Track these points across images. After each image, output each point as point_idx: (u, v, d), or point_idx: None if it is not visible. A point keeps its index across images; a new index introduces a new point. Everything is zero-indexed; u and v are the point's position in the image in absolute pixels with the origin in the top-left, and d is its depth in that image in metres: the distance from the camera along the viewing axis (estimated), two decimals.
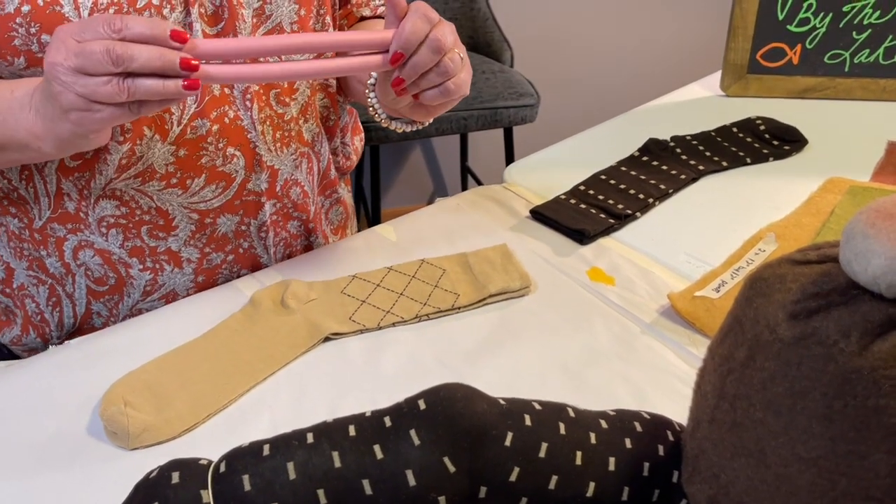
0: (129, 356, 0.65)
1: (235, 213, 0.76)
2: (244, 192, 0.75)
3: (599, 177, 0.91)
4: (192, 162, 0.71)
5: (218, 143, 0.71)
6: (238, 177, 0.74)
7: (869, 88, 1.10)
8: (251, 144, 0.73)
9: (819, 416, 0.38)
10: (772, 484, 0.41)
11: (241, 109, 0.71)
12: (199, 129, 0.70)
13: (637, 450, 0.49)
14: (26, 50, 0.62)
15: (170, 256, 0.75)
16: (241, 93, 0.71)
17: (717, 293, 0.71)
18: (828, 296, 0.39)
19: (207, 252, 0.77)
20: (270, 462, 0.46)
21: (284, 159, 0.77)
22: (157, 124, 0.68)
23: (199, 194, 0.73)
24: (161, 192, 0.71)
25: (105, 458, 0.57)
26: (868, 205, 0.39)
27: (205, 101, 0.69)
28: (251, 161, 0.74)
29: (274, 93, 0.74)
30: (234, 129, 0.71)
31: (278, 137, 0.75)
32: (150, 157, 0.69)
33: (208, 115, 0.70)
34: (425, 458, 0.45)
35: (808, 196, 0.87)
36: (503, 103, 1.75)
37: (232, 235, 0.77)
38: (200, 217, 0.74)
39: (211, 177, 0.72)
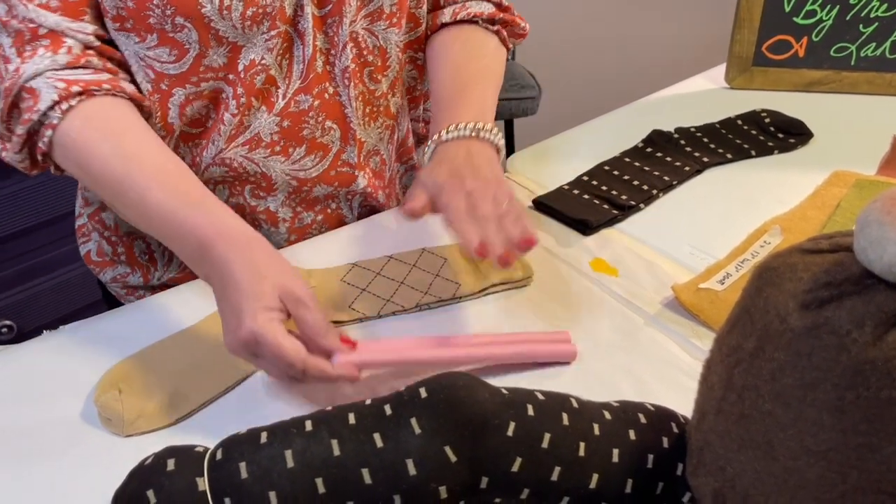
0: (124, 342, 0.64)
1: (331, 185, 0.79)
2: (339, 163, 0.79)
3: (603, 167, 0.90)
4: (295, 133, 0.75)
5: (318, 117, 0.75)
6: (334, 147, 0.78)
7: (875, 82, 1.09)
8: (346, 119, 0.77)
9: (830, 408, 0.37)
10: (780, 477, 0.40)
11: (340, 87, 0.75)
12: (302, 103, 0.73)
13: (641, 441, 0.49)
14: (160, 28, 0.66)
15: (268, 216, 0.80)
16: (342, 71, 0.74)
17: (722, 285, 0.70)
18: (840, 285, 0.38)
19: (299, 211, 0.81)
20: (268, 450, 0.45)
21: (371, 132, 0.80)
22: (265, 96, 0.72)
23: (300, 163, 0.77)
24: (266, 158, 0.75)
25: (99, 445, 0.56)
26: (883, 192, 0.38)
27: (310, 78, 0.73)
28: (346, 134, 0.77)
29: (368, 70, 0.77)
30: (333, 104, 0.75)
31: (368, 112, 0.79)
32: (256, 127, 0.73)
33: (311, 90, 0.73)
34: (426, 446, 0.45)
35: (813, 189, 0.86)
36: (504, 95, 1.74)
37: (323, 198, 0.81)
38: (299, 185, 0.78)
39: (311, 147, 0.76)
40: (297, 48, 0.71)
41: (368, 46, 0.75)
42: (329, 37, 0.72)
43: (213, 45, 0.67)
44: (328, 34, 0.72)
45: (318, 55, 0.73)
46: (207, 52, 0.68)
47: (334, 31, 0.72)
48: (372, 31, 0.75)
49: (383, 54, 0.77)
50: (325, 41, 0.72)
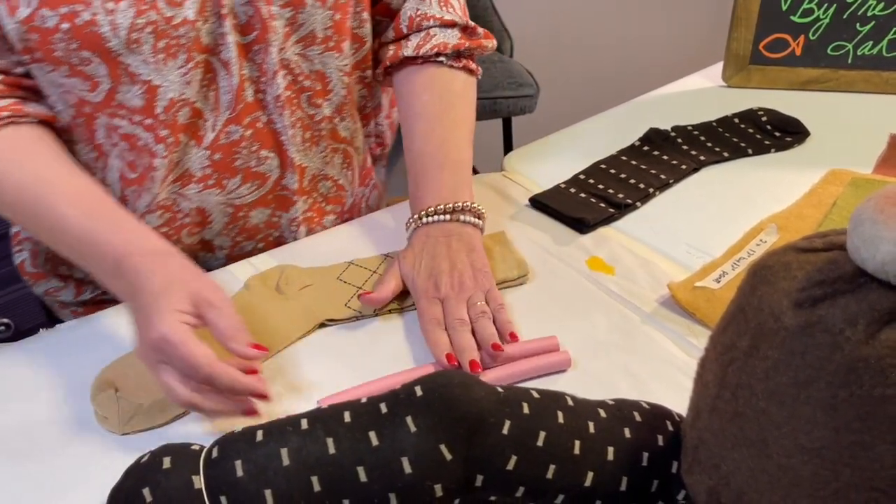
0: (120, 341, 0.64)
1: (268, 207, 0.78)
2: (277, 188, 0.77)
3: (600, 166, 0.90)
4: (228, 164, 0.73)
5: (251, 147, 0.73)
6: (273, 175, 0.76)
7: (871, 81, 1.09)
8: (283, 146, 0.75)
9: (823, 406, 0.37)
10: (774, 475, 0.40)
11: (273, 114, 0.73)
12: (233, 134, 0.72)
13: (636, 439, 0.49)
14: (67, 61, 0.63)
15: (203, 245, 0.79)
16: (274, 98, 0.72)
17: (718, 284, 0.70)
18: (834, 283, 0.39)
19: (239, 241, 0.79)
20: (264, 448, 0.45)
21: (313, 157, 0.79)
22: (192, 131, 0.70)
23: (236, 192, 0.75)
24: (199, 193, 0.74)
25: (95, 443, 0.56)
26: (876, 191, 0.38)
27: (239, 108, 0.70)
28: (284, 162, 0.76)
29: (306, 95, 0.75)
30: (267, 132, 0.73)
31: (308, 137, 0.77)
32: (186, 162, 0.71)
33: (242, 121, 0.71)
34: (421, 445, 0.45)
35: (809, 188, 0.86)
36: (502, 93, 1.74)
37: (263, 226, 0.79)
38: (235, 210, 0.77)
39: (246, 177, 0.75)
40: (221, 78, 0.69)
41: (304, 72, 0.73)
42: (257, 64, 0.70)
43: (124, 82, 0.65)
44: (255, 62, 0.70)
45: (247, 84, 0.70)
46: (119, 87, 0.65)
47: (262, 59, 0.69)
48: (306, 57, 0.72)
49: (322, 79, 0.75)
50: (252, 69, 0.70)
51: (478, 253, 0.70)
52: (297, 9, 0.69)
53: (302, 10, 0.69)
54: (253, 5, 0.67)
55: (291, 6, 0.68)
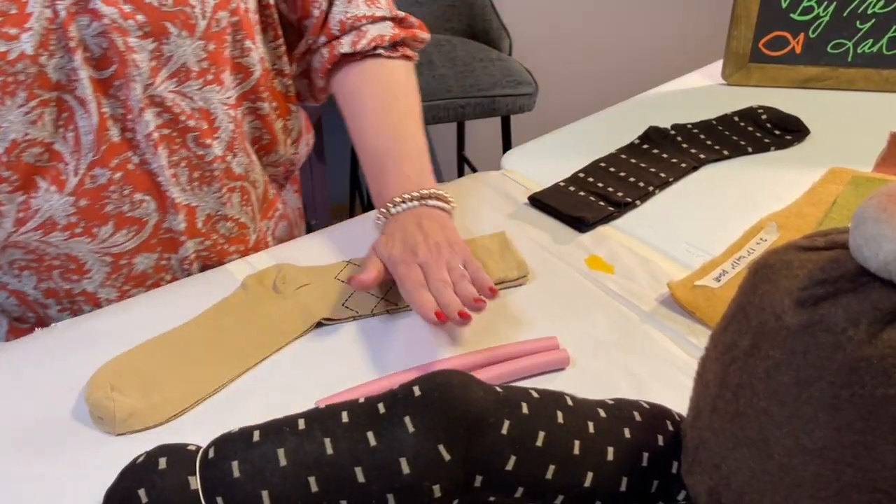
0: (116, 340, 0.64)
1: (153, 252, 0.72)
2: (160, 232, 0.72)
3: (599, 164, 0.89)
4: (96, 211, 0.67)
5: (123, 191, 0.67)
6: (151, 220, 0.70)
7: (871, 79, 1.09)
8: (160, 188, 0.69)
9: (825, 406, 0.37)
10: (775, 475, 0.40)
11: (146, 154, 0.67)
12: (100, 178, 0.66)
13: (636, 440, 0.48)
14: None
15: (87, 297, 0.72)
16: (145, 137, 0.66)
17: (718, 282, 0.70)
18: (836, 282, 0.38)
19: (127, 289, 0.73)
20: (261, 448, 0.45)
21: (205, 197, 0.73)
22: (52, 175, 0.64)
23: (110, 240, 0.69)
24: (66, 241, 0.68)
25: (90, 444, 0.55)
26: (878, 189, 0.38)
27: (102, 150, 0.65)
28: (163, 204, 0.70)
29: (192, 136, 0.69)
30: (141, 174, 0.68)
31: (196, 177, 0.71)
32: (47, 210, 0.65)
33: (108, 163, 0.66)
34: (420, 445, 0.44)
35: (809, 186, 0.86)
36: (501, 91, 1.73)
37: (152, 272, 0.73)
38: (114, 259, 0.71)
39: (120, 223, 0.69)
40: (80, 117, 0.63)
41: (185, 110, 0.67)
42: (120, 101, 0.64)
43: None
44: (118, 98, 0.64)
45: (110, 123, 0.65)
46: None
47: (125, 95, 0.64)
48: (184, 94, 0.67)
49: (207, 116, 0.69)
50: (115, 107, 0.64)
51: (450, 230, 0.70)
52: (159, 40, 0.63)
53: (166, 41, 0.64)
54: (106, 37, 0.61)
55: (152, 37, 0.63)
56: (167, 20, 0.63)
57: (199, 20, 0.65)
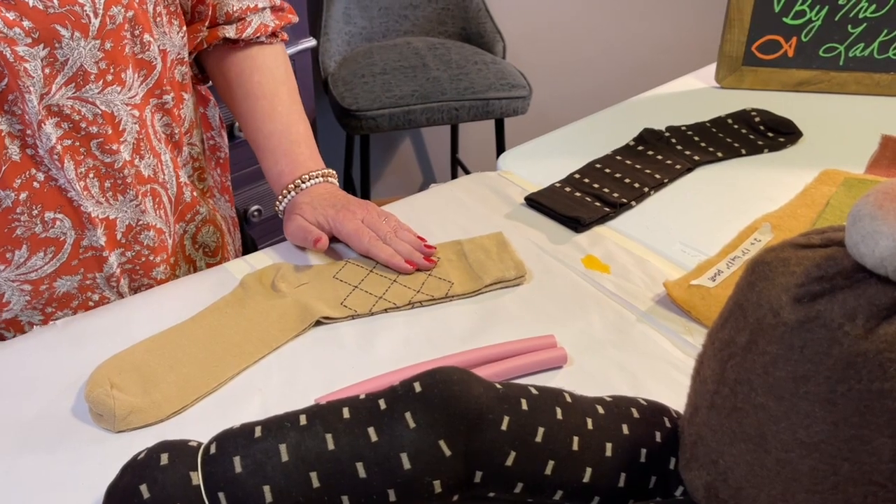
0: (115, 338, 0.64)
1: (75, 273, 0.69)
2: (80, 251, 0.68)
3: (594, 165, 0.90)
4: (6, 236, 0.63)
5: (31, 211, 0.64)
6: (68, 238, 0.67)
7: (863, 82, 1.10)
8: (73, 203, 0.66)
9: (822, 400, 0.38)
10: (772, 469, 0.40)
11: (52, 170, 0.63)
12: (4, 200, 0.62)
13: (634, 436, 0.49)
14: None
15: (8, 324, 0.69)
16: (48, 152, 0.63)
17: (713, 282, 0.70)
18: (833, 279, 0.39)
19: (50, 312, 0.70)
20: (262, 444, 0.45)
21: (123, 206, 0.70)
22: None
23: (27, 265, 0.66)
24: None
25: (90, 441, 0.55)
26: (875, 187, 0.39)
27: (3, 171, 0.61)
28: (79, 220, 0.67)
29: (96, 143, 0.65)
30: (49, 192, 0.64)
31: (108, 187, 0.68)
32: None
33: (10, 184, 0.62)
34: (420, 441, 0.45)
35: (803, 187, 0.87)
36: (495, 94, 1.74)
37: (76, 292, 0.70)
38: (34, 286, 0.67)
39: (34, 246, 0.65)
40: None
41: (87, 117, 0.64)
42: (17, 116, 0.60)
43: None
44: (14, 114, 0.60)
45: (9, 141, 0.61)
46: None
47: (21, 109, 0.60)
48: (85, 99, 0.63)
49: (111, 120, 0.66)
50: (12, 122, 0.61)
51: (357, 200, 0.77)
52: (50, 45, 0.59)
53: (59, 45, 0.59)
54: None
55: (43, 42, 0.59)
56: (56, 23, 0.59)
57: (92, 19, 0.61)
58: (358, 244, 0.73)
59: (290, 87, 0.83)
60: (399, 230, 0.74)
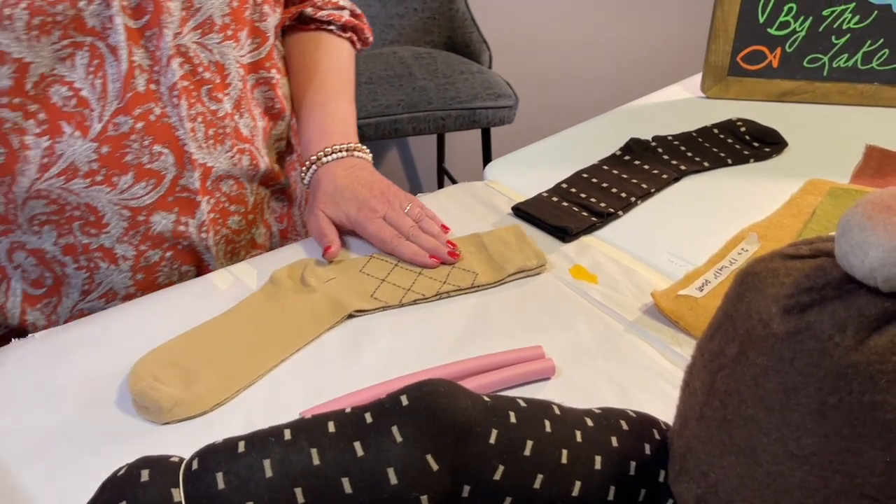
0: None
1: (170, 211, 0.73)
2: (176, 189, 0.72)
3: (581, 175, 0.90)
4: (117, 160, 0.68)
5: (143, 141, 0.68)
6: (168, 174, 0.71)
7: (847, 93, 1.11)
8: (179, 142, 0.70)
9: (812, 412, 0.37)
10: (763, 482, 0.40)
11: (167, 106, 0.69)
12: (122, 126, 0.67)
13: (623, 448, 0.48)
14: None
15: (104, 253, 0.73)
16: (168, 89, 0.68)
17: (701, 292, 0.70)
18: (822, 290, 0.39)
19: (144, 250, 0.74)
20: (245, 459, 0.44)
21: (219, 156, 0.74)
22: (78, 121, 0.65)
23: (130, 191, 0.70)
24: (87, 189, 0.68)
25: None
26: (864, 197, 0.39)
27: (128, 98, 0.66)
28: (181, 159, 0.71)
29: (206, 88, 0.71)
30: (161, 126, 0.69)
31: (210, 135, 0.73)
32: (70, 155, 0.66)
33: (131, 112, 0.67)
34: (407, 455, 0.44)
35: (788, 197, 0.87)
36: (481, 104, 1.74)
37: (170, 235, 0.74)
38: (133, 214, 0.71)
39: (139, 174, 0.69)
40: (109, 65, 0.65)
41: (203, 62, 0.70)
42: (150, 51, 0.66)
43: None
44: (148, 49, 0.66)
45: (138, 72, 0.66)
46: None
47: (155, 45, 0.66)
48: (205, 46, 0.70)
49: (221, 70, 0.72)
50: (145, 56, 0.66)
51: (379, 176, 0.78)
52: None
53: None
54: None
55: None
56: None
57: None
58: (381, 245, 0.74)
59: (344, 77, 0.86)
60: (422, 219, 0.75)
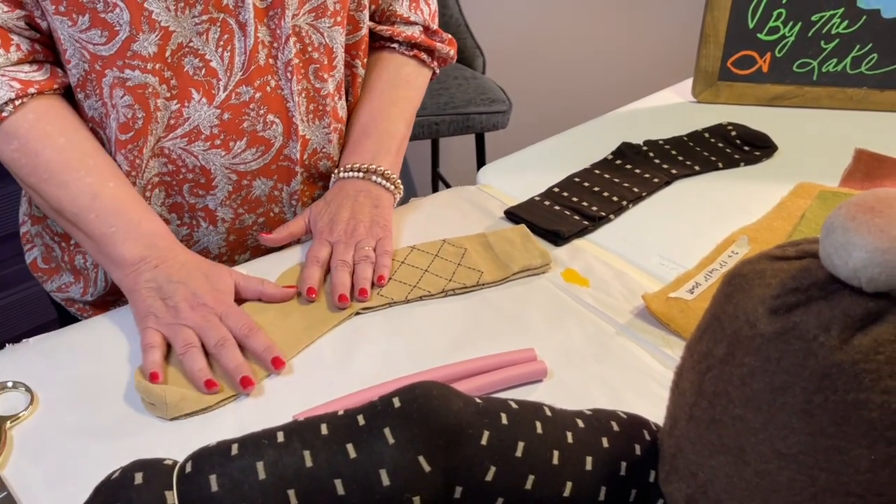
0: (89, 354, 0.63)
1: (270, 178, 0.79)
2: (280, 158, 0.78)
3: (573, 179, 0.90)
4: (235, 126, 0.74)
5: (259, 110, 0.74)
6: (276, 142, 0.77)
7: (836, 97, 1.12)
8: (289, 113, 0.76)
9: (799, 412, 0.38)
10: (751, 481, 0.40)
11: (282, 80, 0.74)
12: (243, 95, 0.73)
13: (614, 449, 0.49)
14: (91, 8, 0.64)
15: (206, 214, 0.79)
16: (284, 64, 0.74)
17: (692, 294, 0.71)
18: (807, 290, 0.39)
19: (241, 213, 0.80)
20: (239, 462, 0.44)
21: (316, 131, 0.80)
22: (206, 88, 0.71)
23: (241, 156, 0.76)
24: (206, 151, 0.74)
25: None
26: (847, 199, 0.39)
27: (251, 70, 0.72)
28: (288, 129, 0.77)
29: (313, 67, 0.77)
30: (275, 97, 0.75)
31: (311, 109, 0.78)
32: (196, 119, 0.72)
33: (252, 82, 0.73)
34: (400, 457, 0.44)
35: (778, 200, 0.88)
36: (475, 109, 1.75)
37: (265, 199, 0.80)
38: (239, 178, 0.77)
39: (252, 140, 0.75)
40: (237, 39, 0.70)
41: (314, 43, 0.75)
42: (271, 29, 0.72)
43: (144, 30, 0.66)
44: (270, 27, 0.72)
45: (261, 47, 0.72)
46: (138, 35, 0.66)
47: (276, 24, 0.71)
48: (317, 28, 0.75)
49: (329, 53, 0.78)
50: (267, 33, 0.72)
51: (382, 210, 0.77)
52: None
53: None
54: None
55: None
56: None
57: None
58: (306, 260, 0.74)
59: (399, 95, 0.86)
60: (360, 263, 0.71)
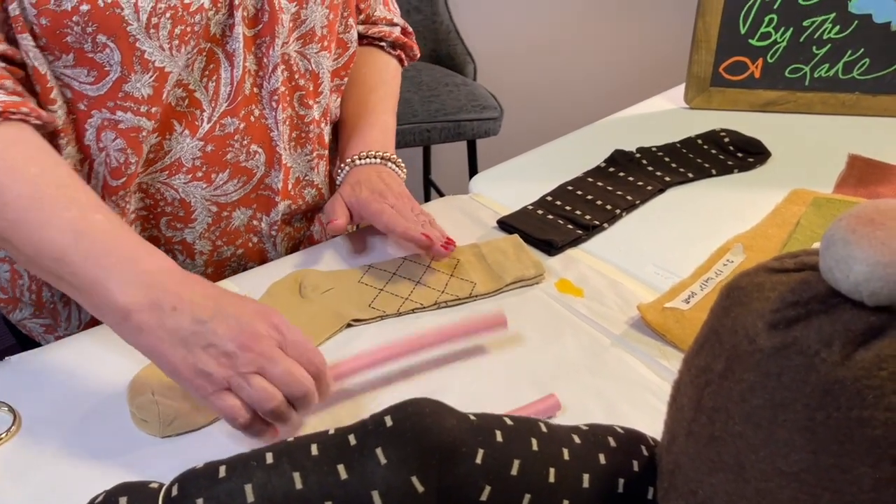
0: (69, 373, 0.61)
1: (249, 207, 0.77)
2: (261, 187, 0.76)
3: (566, 187, 0.90)
4: (218, 157, 0.71)
5: (243, 140, 0.72)
6: (258, 172, 0.75)
7: (828, 102, 1.12)
8: (272, 142, 0.74)
9: (800, 429, 0.37)
10: (752, 499, 0.39)
11: (266, 108, 0.72)
12: (228, 126, 0.70)
13: (611, 465, 0.48)
14: (77, 48, 0.60)
15: (184, 247, 0.76)
16: (269, 93, 0.72)
17: (688, 304, 0.70)
18: (807, 304, 0.38)
19: (219, 245, 0.78)
20: (227, 484, 0.43)
21: (299, 159, 0.79)
22: (188, 120, 0.69)
23: (223, 188, 0.74)
24: (186, 185, 0.72)
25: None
26: (848, 211, 0.38)
27: (237, 100, 0.70)
28: (271, 158, 0.75)
29: (299, 95, 0.75)
30: (259, 126, 0.73)
31: (294, 137, 0.77)
32: (178, 152, 0.70)
33: (237, 113, 0.71)
34: (392, 477, 0.43)
35: (773, 207, 0.87)
36: (466, 116, 1.74)
37: (244, 229, 0.78)
38: (219, 210, 0.75)
39: (234, 172, 0.73)
40: (224, 69, 0.68)
41: (300, 70, 0.74)
42: (258, 58, 0.70)
43: (136, 70, 0.62)
44: (257, 55, 0.70)
45: (247, 77, 0.70)
46: (129, 76, 0.63)
47: (264, 53, 0.69)
48: (304, 55, 0.73)
49: (315, 79, 0.76)
50: (253, 62, 0.70)
51: (405, 188, 0.78)
52: (301, 4, 0.70)
53: (305, 6, 0.70)
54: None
55: (297, 2, 0.70)
56: None
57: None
58: (378, 220, 0.73)
59: (389, 91, 0.88)
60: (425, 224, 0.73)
